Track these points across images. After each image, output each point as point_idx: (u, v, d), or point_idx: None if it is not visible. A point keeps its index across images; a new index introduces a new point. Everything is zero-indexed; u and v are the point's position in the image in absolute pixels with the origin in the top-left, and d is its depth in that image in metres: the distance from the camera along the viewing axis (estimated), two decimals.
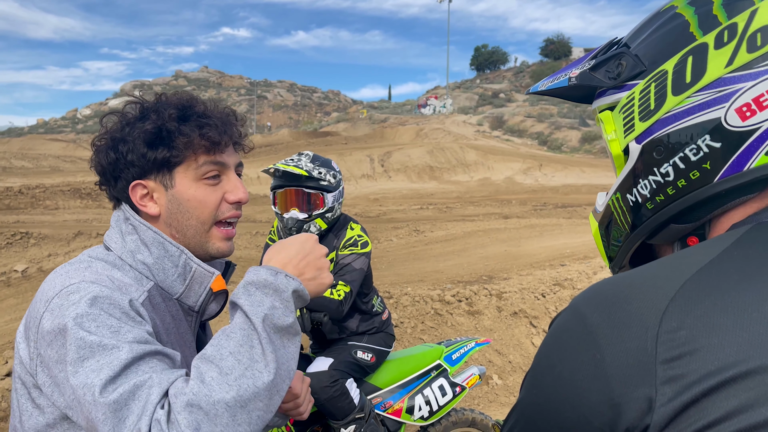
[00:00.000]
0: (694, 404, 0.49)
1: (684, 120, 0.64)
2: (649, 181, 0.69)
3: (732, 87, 0.61)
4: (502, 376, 5.15)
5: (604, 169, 27.40)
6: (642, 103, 0.69)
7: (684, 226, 0.67)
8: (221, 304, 1.18)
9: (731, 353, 0.50)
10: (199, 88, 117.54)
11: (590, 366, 0.56)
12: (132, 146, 1.07)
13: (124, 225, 1.10)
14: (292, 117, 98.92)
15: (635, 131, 0.70)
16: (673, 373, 0.51)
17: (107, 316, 0.92)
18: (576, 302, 0.62)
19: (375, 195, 20.76)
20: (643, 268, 0.61)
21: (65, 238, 10.04)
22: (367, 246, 2.68)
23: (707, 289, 0.54)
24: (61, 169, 29.11)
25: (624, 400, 0.52)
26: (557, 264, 8.25)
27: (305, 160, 2.64)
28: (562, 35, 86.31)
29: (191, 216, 1.11)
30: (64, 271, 1.02)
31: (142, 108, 1.13)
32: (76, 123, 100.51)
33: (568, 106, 47.84)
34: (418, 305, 5.88)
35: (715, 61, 0.62)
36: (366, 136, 43.86)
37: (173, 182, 1.10)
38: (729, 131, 0.61)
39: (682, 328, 0.52)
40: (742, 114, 0.60)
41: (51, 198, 15.89)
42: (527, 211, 16.48)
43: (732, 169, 0.61)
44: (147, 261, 1.07)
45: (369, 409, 2.71)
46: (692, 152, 0.64)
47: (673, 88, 0.65)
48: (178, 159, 1.08)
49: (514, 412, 0.67)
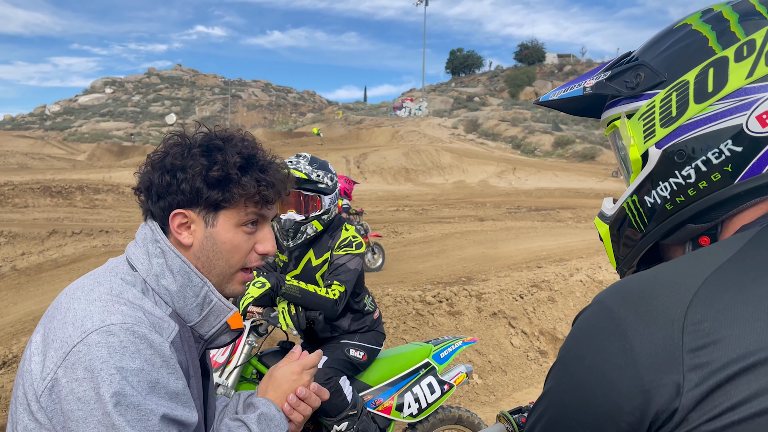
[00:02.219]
0: (719, 389, 0.56)
1: (706, 126, 0.70)
2: (670, 183, 0.74)
3: (752, 96, 0.67)
4: (483, 376, 5.25)
5: (576, 173, 27.87)
6: (663, 110, 0.74)
7: (700, 226, 0.73)
8: (233, 337, 1.22)
9: (751, 342, 0.56)
10: (172, 86, 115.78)
11: (620, 356, 0.61)
12: (190, 178, 1.09)
13: (151, 246, 1.11)
14: (266, 117, 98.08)
15: (656, 137, 0.75)
16: (699, 361, 0.57)
17: (144, 382, 0.95)
18: (602, 298, 0.68)
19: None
20: (665, 266, 0.68)
21: (38, 237, 9.85)
22: (361, 247, 2.74)
23: (727, 285, 0.61)
24: (30, 167, 28.42)
25: (654, 386, 0.58)
26: (534, 266, 8.41)
27: (303, 163, 2.68)
28: (536, 40, 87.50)
29: (222, 257, 1.15)
30: (100, 298, 1.01)
31: (208, 141, 1.14)
32: (44, 119, 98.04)
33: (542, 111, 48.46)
34: (400, 306, 5.95)
35: (736, 73, 0.68)
36: (341, 137, 43.82)
37: (215, 222, 1.13)
38: (750, 137, 0.67)
39: (706, 320, 0.59)
40: (762, 121, 0.66)
41: (20, 196, 15.53)
42: (502, 214, 16.70)
43: (752, 171, 0.68)
44: (170, 288, 1.09)
45: (361, 406, 2.77)
46: (714, 156, 0.69)
47: (695, 97, 0.71)
48: (229, 204, 1.13)
49: (543, 400, 0.71)
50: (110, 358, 0.93)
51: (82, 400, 0.92)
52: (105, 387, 0.91)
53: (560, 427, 0.68)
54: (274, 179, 1.16)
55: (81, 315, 0.98)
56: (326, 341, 2.88)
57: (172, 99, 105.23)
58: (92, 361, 0.93)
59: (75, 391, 0.92)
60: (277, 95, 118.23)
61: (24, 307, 6.82)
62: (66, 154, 42.20)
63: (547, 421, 0.70)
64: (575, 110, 0.96)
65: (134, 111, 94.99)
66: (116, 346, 0.94)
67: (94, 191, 16.75)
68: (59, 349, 0.95)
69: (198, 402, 1.15)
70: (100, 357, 0.93)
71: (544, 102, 0.96)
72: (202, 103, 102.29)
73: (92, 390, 0.91)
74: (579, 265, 8.00)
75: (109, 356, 0.93)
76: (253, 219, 1.16)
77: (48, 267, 8.47)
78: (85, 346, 0.94)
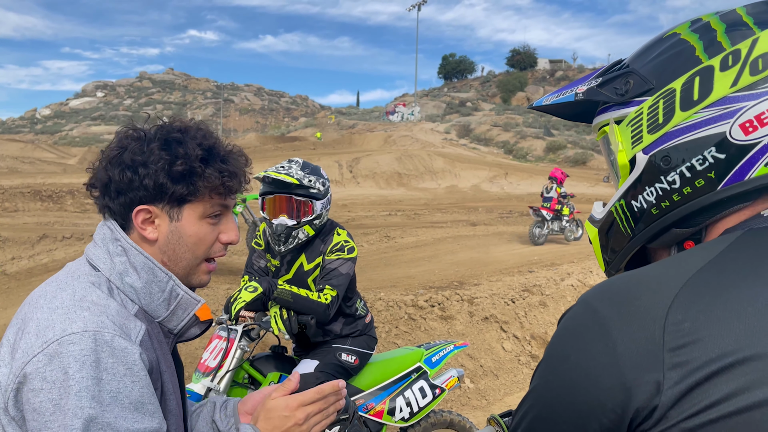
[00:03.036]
0: (698, 387, 0.57)
1: (692, 133, 0.72)
2: (655, 189, 0.76)
3: (736, 105, 0.69)
4: (474, 380, 5.26)
5: (568, 179, 27.96)
6: (650, 117, 0.76)
7: (684, 230, 0.75)
8: (202, 329, 1.21)
9: (729, 342, 0.58)
10: (164, 90, 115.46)
11: (604, 354, 0.63)
12: (152, 174, 1.07)
13: (111, 245, 1.09)
14: (259, 121, 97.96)
15: (643, 143, 0.77)
16: (679, 360, 0.59)
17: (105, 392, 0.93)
18: (587, 298, 0.69)
19: (343, 201, 20.77)
20: (648, 267, 0.70)
21: (29, 241, 9.79)
22: (353, 251, 2.75)
23: (707, 286, 0.63)
24: (20, 171, 28.23)
25: (635, 383, 0.60)
26: (525, 270, 8.45)
27: (295, 168, 2.69)
28: (527, 46, 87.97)
29: (188, 250, 1.14)
30: (62, 304, 0.99)
31: (165, 134, 1.12)
32: (34, 123, 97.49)
33: (534, 116, 48.68)
34: (392, 310, 5.96)
35: (721, 82, 0.70)
36: (334, 141, 43.82)
37: (180, 216, 1.12)
38: (733, 144, 0.69)
39: (687, 321, 0.60)
40: (745, 129, 0.68)
41: (10, 200, 15.43)
42: (494, 219, 16.75)
43: (735, 178, 0.69)
44: (135, 285, 1.08)
45: (353, 410, 2.77)
46: (698, 162, 0.71)
47: (681, 105, 0.73)
48: (193, 198, 1.11)
49: (528, 397, 0.73)
50: (69, 368, 0.91)
51: (38, 410, 0.90)
52: (65, 399, 0.90)
53: (545, 423, 0.69)
54: (236, 169, 1.16)
55: (43, 325, 0.96)
56: (318, 345, 2.89)
57: (164, 103, 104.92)
58: (53, 372, 0.91)
59: (31, 401, 0.91)
60: (270, 99, 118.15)
61: (13, 312, 6.75)
62: (57, 158, 41.93)
63: (532, 417, 0.71)
64: (568, 115, 0.98)
65: (126, 115, 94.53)
66: (76, 355, 0.92)
67: (84, 195, 16.65)
68: (19, 359, 0.94)
69: (175, 396, 1.14)
70: (61, 367, 0.91)
71: (538, 107, 0.97)
72: (194, 107, 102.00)
73: (50, 402, 0.90)
74: (570, 270, 8.05)
75: (68, 366, 0.91)
76: (217, 211, 1.16)
77: (38, 272, 8.42)
78: (45, 357, 0.92)
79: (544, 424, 0.69)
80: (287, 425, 1.18)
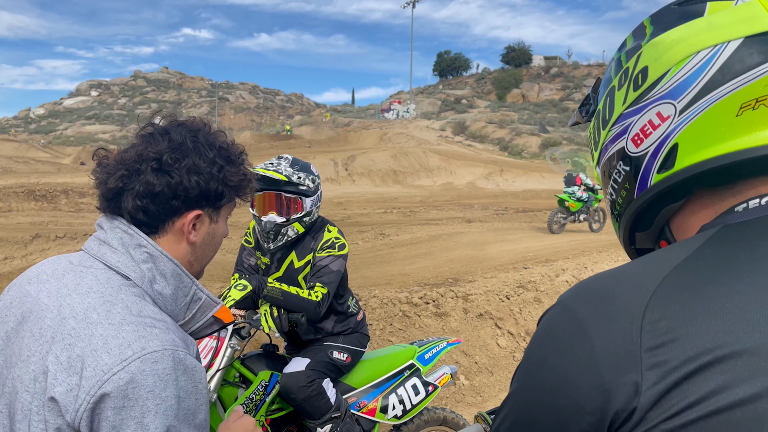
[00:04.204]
0: (676, 387, 0.56)
1: (609, 150, 0.79)
2: (607, 197, 0.83)
3: (627, 121, 0.74)
4: (469, 377, 5.26)
5: (563, 175, 28.02)
6: (592, 136, 0.85)
7: (645, 232, 0.79)
8: (216, 328, 1.21)
9: (707, 340, 0.56)
10: (159, 88, 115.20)
11: (581, 356, 0.62)
12: (216, 179, 1.11)
13: (135, 251, 1.06)
14: (254, 119, 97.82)
15: (594, 159, 0.85)
16: (657, 360, 0.57)
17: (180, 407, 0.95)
18: (565, 298, 0.68)
19: (339, 199, 20.76)
20: (626, 266, 0.69)
21: (21, 241, 9.74)
22: (344, 248, 2.73)
23: (684, 284, 0.61)
24: (14, 170, 28.13)
25: (614, 385, 0.58)
26: (520, 267, 8.45)
27: (285, 165, 2.67)
28: (522, 43, 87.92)
29: (214, 249, 1.20)
30: (125, 320, 0.97)
31: (213, 139, 1.15)
32: (29, 123, 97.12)
33: (528, 112, 48.73)
34: (387, 307, 5.95)
35: (618, 101, 0.76)
36: (329, 139, 43.78)
37: (218, 218, 1.17)
38: (631, 156, 0.74)
39: (664, 319, 0.59)
40: (635, 142, 0.74)
41: (4, 200, 15.37)
42: (489, 216, 16.76)
43: (641, 186, 0.74)
44: (164, 292, 1.07)
45: (345, 408, 2.76)
46: (617, 174, 0.78)
47: (602, 124, 0.80)
48: (233, 200, 1.18)
49: (507, 402, 0.72)
50: (156, 387, 0.92)
51: (117, 428, 0.90)
52: (150, 417, 0.90)
53: (524, 428, 0.68)
54: (248, 171, 1.21)
55: (115, 342, 0.93)
56: (310, 343, 2.87)
57: (159, 102, 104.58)
58: (136, 390, 0.90)
59: (111, 419, 0.90)
60: (265, 98, 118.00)
61: None
62: (51, 157, 41.81)
63: (511, 422, 0.70)
64: None
65: (120, 114, 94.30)
66: (160, 374, 0.93)
67: (79, 195, 16.62)
68: (92, 378, 0.91)
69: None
70: (146, 386, 0.91)
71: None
72: (188, 106, 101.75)
73: (133, 419, 0.90)
74: (565, 266, 8.06)
75: (154, 385, 0.92)
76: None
77: None
78: (127, 374, 0.91)
79: (523, 429, 0.68)
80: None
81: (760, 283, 0.60)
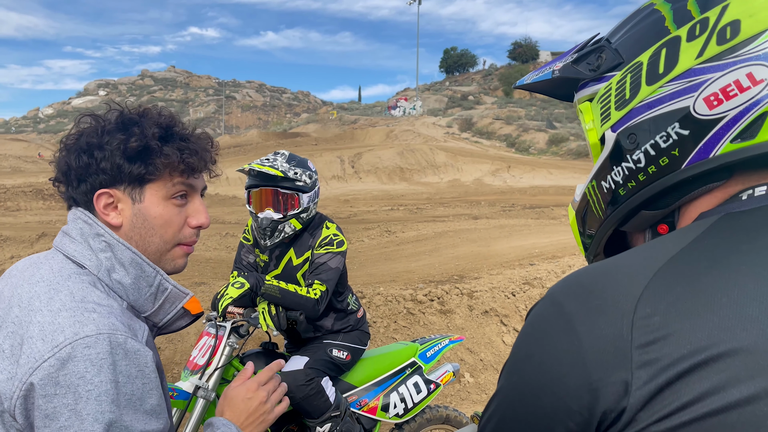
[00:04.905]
0: (668, 387, 0.52)
1: (656, 108, 0.67)
2: (622, 168, 0.72)
3: (701, 77, 0.64)
4: (474, 374, 5.21)
5: (571, 171, 27.90)
6: (618, 93, 0.72)
7: (654, 212, 0.70)
8: (190, 320, 1.19)
9: (702, 337, 0.52)
10: (166, 87, 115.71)
11: (569, 353, 0.58)
12: (109, 155, 1.05)
13: (93, 240, 1.06)
14: (261, 118, 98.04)
15: (611, 120, 0.73)
16: (648, 358, 0.53)
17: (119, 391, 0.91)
18: (552, 291, 0.64)
19: (346, 196, 20.75)
20: (618, 257, 0.64)
21: (28, 240, 9.79)
22: (342, 245, 2.70)
23: (679, 276, 0.57)
24: (23, 170, 28.31)
25: (602, 384, 0.55)
26: (526, 263, 8.38)
27: (281, 160, 2.64)
28: (529, 39, 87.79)
29: (155, 233, 1.11)
30: (64, 306, 0.95)
31: (122, 117, 1.10)
32: (37, 123, 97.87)
33: (536, 108, 48.56)
34: (391, 305, 5.91)
35: (686, 53, 0.65)
36: (336, 137, 43.77)
37: (143, 197, 1.09)
38: (697, 119, 0.64)
39: (656, 314, 0.55)
40: (710, 103, 0.63)
41: (12, 199, 15.48)
42: (496, 212, 16.69)
43: (699, 155, 0.64)
44: (124, 281, 1.06)
45: (344, 407, 2.73)
46: (662, 139, 0.67)
47: (647, 79, 0.69)
48: (153, 177, 1.08)
49: (494, 400, 0.69)
50: (87, 372, 0.88)
51: (51, 417, 0.87)
52: (82, 404, 0.87)
53: (509, 427, 0.65)
54: (197, 147, 1.13)
55: (50, 329, 0.91)
56: (309, 341, 2.84)
57: (166, 101, 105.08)
58: (67, 377, 0.87)
59: (43, 407, 0.87)
60: (272, 96, 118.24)
61: None
62: None
63: (497, 421, 0.67)
64: (554, 94, 0.94)
65: None
66: (93, 359, 0.89)
67: None
68: (25, 365, 0.89)
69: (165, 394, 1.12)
70: (77, 372, 0.88)
71: (521, 86, 0.94)
72: (196, 105, 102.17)
73: (65, 407, 0.87)
74: (571, 263, 7.99)
75: (86, 371, 0.88)
76: (181, 190, 1.12)
77: None
78: (57, 361, 0.88)
79: (508, 428, 0.65)
80: (252, 406, 1.25)
81: (760, 276, 0.55)
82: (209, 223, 1.18)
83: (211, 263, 8.73)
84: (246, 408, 1.24)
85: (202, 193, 1.21)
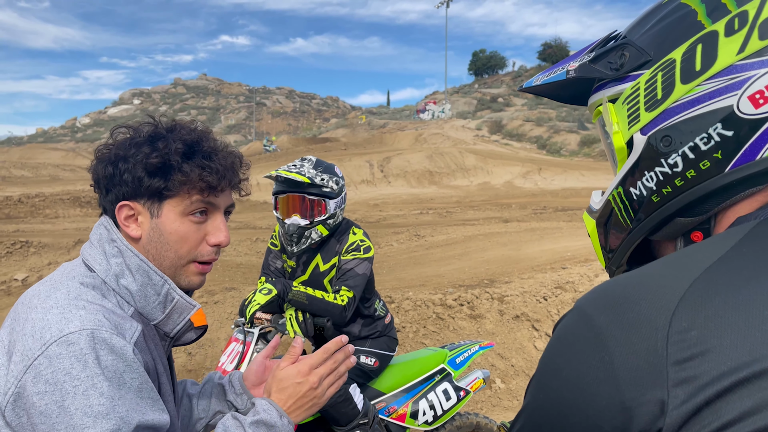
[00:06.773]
0: (708, 406, 0.48)
1: (694, 108, 0.63)
2: (656, 173, 0.67)
3: (744, 74, 0.59)
4: (505, 380, 5.14)
5: (603, 172, 27.40)
6: (648, 93, 0.67)
7: (690, 219, 0.66)
8: (199, 334, 1.20)
9: (744, 353, 0.49)
10: (198, 95, 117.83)
11: (599, 369, 0.54)
12: (131, 168, 1.07)
13: (108, 246, 1.09)
14: (291, 123, 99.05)
15: (640, 122, 0.68)
16: (686, 375, 0.50)
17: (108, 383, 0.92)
18: (581, 304, 0.61)
19: (375, 200, 20.77)
20: (650, 266, 0.60)
21: (65, 247, 10.03)
22: (369, 251, 2.68)
23: (717, 287, 0.53)
24: (61, 178, 29.11)
25: (635, 403, 0.51)
26: (558, 267, 8.24)
27: (308, 166, 2.63)
28: (559, 39, 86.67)
29: (170, 248, 1.11)
30: (57, 303, 0.98)
31: (154, 131, 1.12)
32: (75, 132, 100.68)
33: (567, 109, 47.91)
34: (420, 310, 5.87)
35: (726, 49, 0.61)
36: (365, 141, 43.90)
37: (160, 212, 1.10)
38: (742, 119, 0.59)
39: (693, 328, 0.51)
40: (755, 101, 0.59)
41: (51, 207, 15.90)
42: (527, 215, 16.47)
43: (744, 158, 0.60)
44: (131, 287, 1.07)
45: (373, 414, 2.70)
46: (703, 141, 0.62)
47: (682, 77, 0.64)
48: (171, 193, 1.09)
49: (520, 417, 0.66)
50: (72, 368, 0.90)
51: (44, 413, 0.89)
52: (69, 399, 0.89)
53: None
54: (220, 165, 1.12)
55: (39, 326, 0.95)
56: None
57: (198, 108, 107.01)
58: (54, 374, 0.90)
59: (37, 405, 0.90)
60: (301, 102, 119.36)
61: None
62: None
63: None
64: (563, 97, 0.88)
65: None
66: (77, 355, 0.91)
67: None
68: (19, 363, 0.93)
69: (171, 398, 1.13)
70: (63, 368, 0.90)
71: (527, 88, 0.87)
72: (227, 112, 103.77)
73: (55, 404, 0.89)
74: None
75: (71, 367, 0.90)
76: (200, 208, 1.12)
77: None
78: (45, 359, 0.91)
79: None
80: (303, 390, 1.17)
81: None
82: (228, 242, 1.17)
83: (241, 268, 8.81)
84: (295, 392, 1.18)
85: (229, 210, 1.20)
